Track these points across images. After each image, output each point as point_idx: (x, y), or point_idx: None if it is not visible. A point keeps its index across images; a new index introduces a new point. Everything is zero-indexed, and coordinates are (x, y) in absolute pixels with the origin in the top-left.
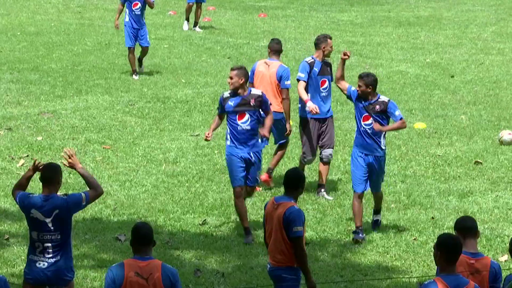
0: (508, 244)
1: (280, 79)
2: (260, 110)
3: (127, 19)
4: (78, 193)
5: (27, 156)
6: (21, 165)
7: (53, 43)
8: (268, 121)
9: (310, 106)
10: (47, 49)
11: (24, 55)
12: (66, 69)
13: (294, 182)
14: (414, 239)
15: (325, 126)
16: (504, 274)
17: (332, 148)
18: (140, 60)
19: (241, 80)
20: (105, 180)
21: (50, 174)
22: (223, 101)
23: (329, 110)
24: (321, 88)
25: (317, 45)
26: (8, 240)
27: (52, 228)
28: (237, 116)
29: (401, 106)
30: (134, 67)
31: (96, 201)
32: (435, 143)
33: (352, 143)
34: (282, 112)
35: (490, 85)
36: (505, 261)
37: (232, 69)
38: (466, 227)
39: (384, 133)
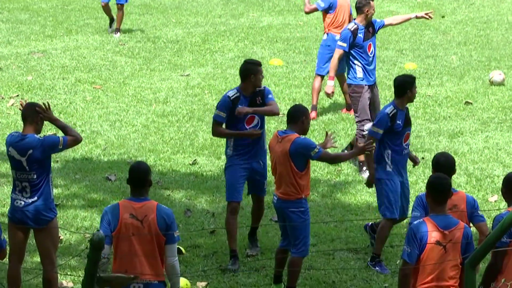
0: (498, 184)
1: None
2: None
3: None
4: (56, 136)
5: (17, 96)
6: (11, 105)
7: None
8: (266, 107)
9: (329, 89)
10: None
11: None
12: (56, 9)
13: (294, 116)
14: None
15: (373, 92)
16: (493, 214)
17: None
18: (117, 27)
19: None
20: (95, 120)
21: (27, 113)
22: (230, 103)
23: (374, 74)
24: (368, 53)
25: (359, 9)
26: None
27: (27, 167)
28: (245, 121)
29: (392, 47)
30: (111, 22)
31: (87, 141)
32: (425, 83)
33: None
34: None
35: (480, 25)
36: (495, 201)
37: (260, 65)
38: (445, 165)
39: None
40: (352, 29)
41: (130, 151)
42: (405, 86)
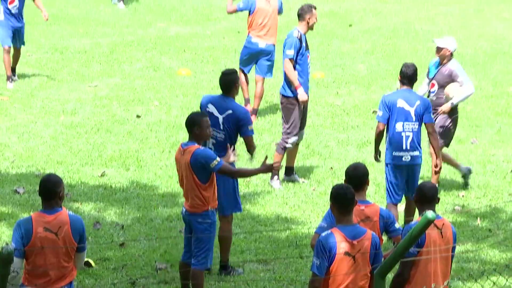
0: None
1: (280, 10)
2: None
3: (2, 17)
4: None
5: None
6: None
7: None
8: None
9: (302, 96)
10: None
11: None
12: None
13: (189, 126)
14: (313, 189)
15: (305, 104)
16: (402, 223)
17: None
18: (13, 69)
19: None
20: (3, 132)
21: None
22: None
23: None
24: (307, 63)
25: (301, 16)
26: None
27: None
28: None
29: None
30: (10, 72)
31: None
32: (333, 92)
33: None
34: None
35: (387, 34)
36: (404, 210)
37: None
38: (355, 177)
39: None
40: (298, 37)
41: (39, 163)
42: None
